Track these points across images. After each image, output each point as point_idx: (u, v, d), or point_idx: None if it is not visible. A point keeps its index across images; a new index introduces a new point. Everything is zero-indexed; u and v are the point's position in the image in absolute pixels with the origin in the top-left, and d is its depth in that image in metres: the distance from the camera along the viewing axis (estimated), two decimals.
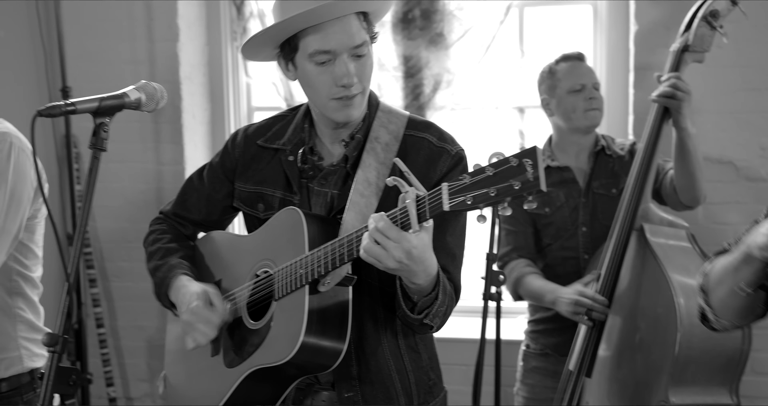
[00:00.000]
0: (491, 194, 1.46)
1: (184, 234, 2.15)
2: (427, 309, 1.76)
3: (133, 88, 1.78)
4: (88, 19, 3.96)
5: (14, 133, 2.23)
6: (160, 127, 3.99)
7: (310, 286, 1.77)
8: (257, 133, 2.05)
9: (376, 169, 1.86)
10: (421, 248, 1.61)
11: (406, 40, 3.76)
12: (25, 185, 2.20)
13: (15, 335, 2.29)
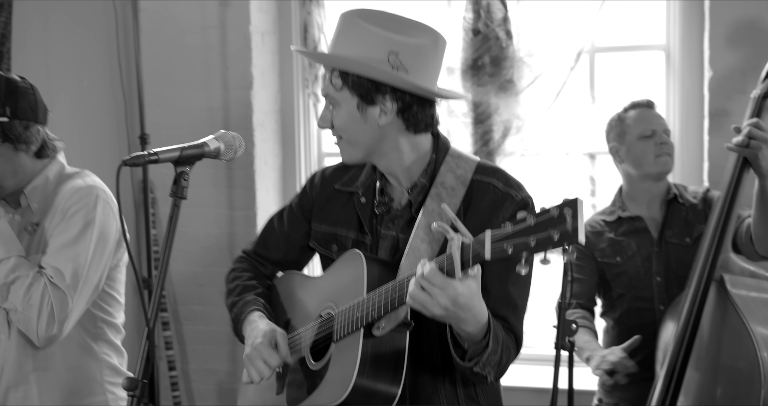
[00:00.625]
0: (531, 244, 1.46)
1: (263, 273, 2.20)
2: (477, 357, 1.74)
3: (213, 138, 1.83)
4: (166, 68, 4.09)
5: (100, 186, 2.31)
6: (233, 173, 4.07)
7: (365, 329, 1.78)
8: (334, 175, 2.10)
9: (440, 215, 1.86)
10: (468, 296, 1.61)
11: (476, 86, 3.77)
12: (108, 238, 2.27)
13: (101, 379, 2.35)
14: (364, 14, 1.85)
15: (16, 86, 2.21)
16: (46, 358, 2.28)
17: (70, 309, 2.16)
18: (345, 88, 1.85)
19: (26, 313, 2.13)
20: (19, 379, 2.28)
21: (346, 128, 1.89)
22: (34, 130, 2.24)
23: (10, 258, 2.16)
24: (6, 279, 2.14)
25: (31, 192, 2.28)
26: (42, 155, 2.29)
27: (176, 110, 4.12)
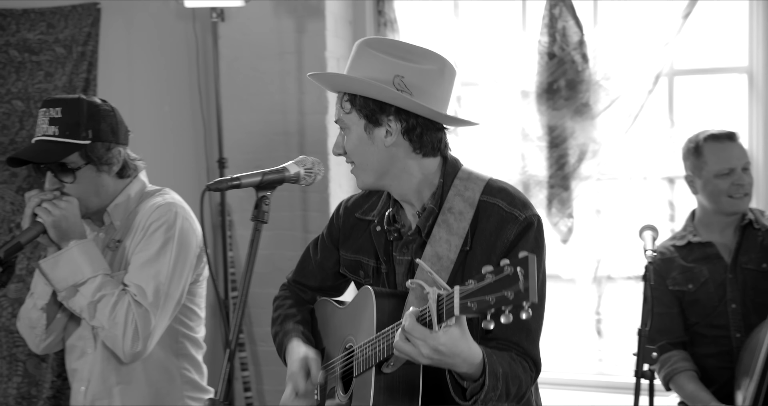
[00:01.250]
0: (491, 302, 1.50)
1: (305, 299, 2.25)
2: (476, 395, 1.75)
3: (293, 163, 1.86)
4: (244, 93, 4.17)
5: (179, 203, 2.38)
6: (308, 197, 4.12)
7: (377, 367, 1.82)
8: (356, 204, 2.14)
9: (447, 242, 1.88)
10: (450, 344, 1.63)
11: (551, 110, 3.75)
12: (188, 253, 2.33)
13: (181, 394, 2.41)
14: (374, 42, 1.90)
15: (97, 109, 2.28)
16: (129, 372, 2.34)
17: (153, 326, 2.22)
18: (353, 110, 1.89)
19: (112, 331, 2.19)
20: (104, 392, 2.34)
21: (356, 152, 1.92)
22: (116, 152, 2.31)
23: (96, 277, 2.22)
24: (93, 298, 2.20)
25: (113, 210, 2.35)
26: (123, 175, 2.35)
27: (253, 135, 4.19)
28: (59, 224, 2.21)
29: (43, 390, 3.43)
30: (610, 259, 3.71)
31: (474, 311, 1.51)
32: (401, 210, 2.01)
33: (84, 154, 2.25)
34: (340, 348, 2.02)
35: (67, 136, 2.23)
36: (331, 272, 2.18)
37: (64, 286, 2.22)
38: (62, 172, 2.25)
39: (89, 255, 2.24)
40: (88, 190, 2.29)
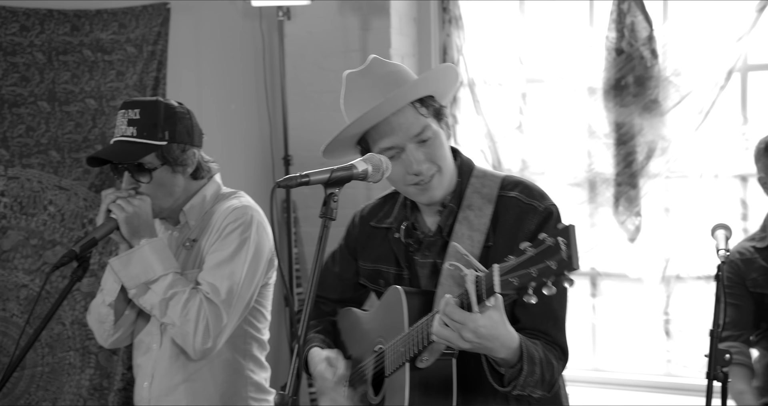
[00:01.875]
0: (533, 274, 1.51)
1: (326, 311, 2.25)
2: (514, 381, 1.76)
3: (361, 160, 1.86)
4: (309, 91, 4.21)
5: (254, 206, 2.41)
6: (372, 194, 4.13)
7: (410, 363, 1.83)
8: (371, 213, 2.16)
9: (470, 238, 1.90)
10: (490, 326, 1.65)
11: (619, 107, 3.69)
12: (261, 257, 2.36)
13: (245, 395, 2.43)
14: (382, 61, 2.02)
15: (174, 112, 2.32)
16: (195, 370, 2.37)
17: (224, 324, 2.25)
18: (429, 112, 1.93)
19: (183, 327, 2.23)
20: (169, 389, 2.38)
21: (444, 155, 1.94)
22: (190, 153, 2.35)
23: (168, 274, 2.26)
24: (165, 295, 2.24)
25: (189, 210, 2.39)
26: (197, 176, 2.39)
27: (318, 132, 4.21)
28: (131, 221, 2.25)
29: (114, 382, 3.51)
30: (679, 258, 3.64)
31: (515, 287, 1.54)
32: (419, 215, 2.03)
33: (160, 155, 2.29)
34: (370, 352, 2.02)
35: (144, 137, 2.27)
36: (351, 283, 2.20)
37: (135, 283, 2.26)
38: (139, 172, 2.30)
39: (160, 253, 2.28)
40: (163, 190, 2.33)
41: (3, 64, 3.24)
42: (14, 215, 3.32)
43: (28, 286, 3.36)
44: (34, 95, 3.33)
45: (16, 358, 2.04)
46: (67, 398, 3.44)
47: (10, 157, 3.29)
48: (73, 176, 3.45)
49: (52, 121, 3.37)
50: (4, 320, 3.30)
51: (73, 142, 3.43)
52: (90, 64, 3.45)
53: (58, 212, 3.42)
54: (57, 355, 3.42)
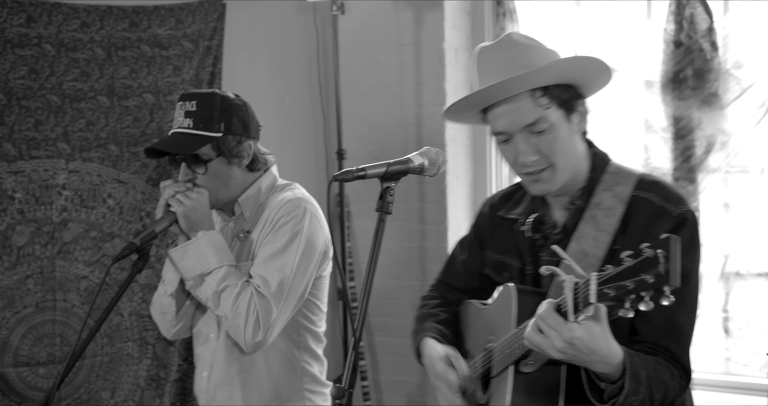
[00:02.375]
0: (629, 287, 1.40)
1: (451, 300, 2.19)
2: (614, 398, 1.64)
3: (417, 154, 1.86)
4: (362, 85, 4.21)
5: (308, 199, 2.41)
6: (425, 188, 4.12)
7: (515, 366, 1.74)
8: (500, 202, 2.07)
9: (594, 239, 1.78)
10: (588, 339, 1.54)
11: (677, 100, 3.62)
12: (314, 249, 2.36)
13: (300, 387, 2.44)
14: (520, 36, 1.85)
15: (230, 103, 2.34)
16: (251, 362, 2.39)
17: (274, 318, 2.25)
18: (553, 103, 1.79)
19: (234, 320, 2.25)
20: (225, 379, 2.40)
21: (561, 149, 1.81)
22: (246, 145, 2.36)
23: (221, 267, 2.28)
24: (217, 288, 2.26)
25: (244, 201, 2.40)
26: (253, 168, 2.40)
27: (371, 126, 4.22)
28: (189, 215, 2.28)
29: (170, 373, 3.57)
30: (738, 255, 3.56)
31: (611, 298, 1.43)
32: (548, 208, 1.92)
33: (215, 147, 2.31)
34: (481, 349, 1.96)
35: (200, 128, 2.29)
36: (476, 273, 2.11)
37: (191, 275, 2.29)
38: (195, 164, 2.32)
39: (216, 246, 2.30)
40: (218, 181, 2.35)
41: (65, 59, 3.31)
42: (75, 208, 3.39)
43: (87, 277, 3.43)
44: (94, 90, 3.39)
45: (78, 349, 2.08)
46: (125, 388, 3.51)
47: (71, 151, 3.36)
48: (131, 170, 3.51)
49: (111, 116, 3.44)
50: (65, 310, 3.38)
51: (131, 137, 3.49)
52: (148, 59, 3.51)
53: (117, 205, 3.49)
54: (115, 345, 3.49)
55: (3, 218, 3.22)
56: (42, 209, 3.32)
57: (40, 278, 3.32)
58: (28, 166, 3.28)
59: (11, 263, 3.24)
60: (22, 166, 3.27)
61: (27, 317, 3.29)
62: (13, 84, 3.21)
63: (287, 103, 4.26)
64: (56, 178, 3.35)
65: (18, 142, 3.24)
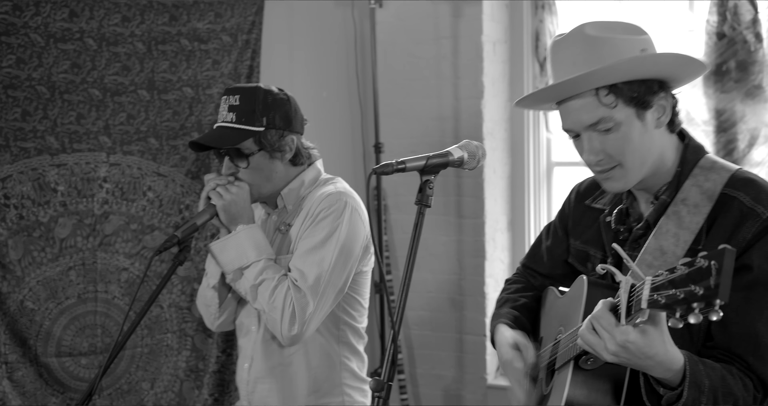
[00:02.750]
0: (678, 297, 1.33)
1: (534, 285, 2.14)
2: (671, 405, 1.57)
3: (456, 147, 1.85)
4: (400, 78, 4.21)
5: (350, 193, 2.40)
6: (462, 182, 4.11)
7: (575, 361, 1.69)
8: (588, 190, 2.00)
9: (675, 236, 1.69)
10: (643, 344, 1.47)
11: (719, 93, 3.56)
12: (355, 243, 2.34)
13: (339, 382, 2.43)
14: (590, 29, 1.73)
15: (273, 98, 2.34)
16: (290, 355, 2.39)
17: (311, 311, 2.24)
18: (620, 102, 1.70)
19: (271, 314, 2.26)
20: (265, 371, 2.41)
21: (631, 148, 1.72)
22: (289, 139, 2.36)
23: (260, 261, 2.29)
24: (255, 281, 2.27)
25: (287, 195, 2.41)
26: (297, 163, 2.40)
27: (409, 120, 4.22)
28: (229, 208, 2.29)
29: (209, 364, 3.60)
30: None
31: (661, 306, 1.36)
32: (635, 201, 1.84)
33: (257, 141, 2.31)
34: (552, 338, 1.92)
35: (242, 122, 2.30)
36: (560, 260, 2.06)
37: (231, 268, 2.31)
38: (237, 158, 2.33)
39: (255, 240, 2.31)
40: (260, 175, 2.35)
41: (106, 54, 3.35)
42: (116, 201, 3.43)
43: (128, 269, 3.47)
44: (135, 84, 3.43)
45: (120, 340, 2.11)
46: (165, 379, 3.55)
47: (112, 145, 3.40)
48: (171, 163, 3.54)
49: (151, 110, 3.47)
50: (106, 301, 3.42)
51: (171, 130, 3.53)
52: (187, 53, 3.53)
53: (157, 197, 3.52)
54: (155, 337, 3.53)
55: (46, 210, 3.27)
56: (84, 201, 3.36)
57: (82, 269, 3.36)
58: (71, 160, 3.33)
59: (54, 254, 3.29)
60: (65, 159, 3.31)
61: (69, 308, 3.35)
62: (56, 78, 3.26)
63: (325, 96, 4.27)
64: (98, 171, 3.39)
65: (60, 135, 3.29)
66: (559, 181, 4.24)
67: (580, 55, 1.71)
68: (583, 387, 1.68)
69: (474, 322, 4.13)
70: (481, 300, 4.11)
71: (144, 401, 3.49)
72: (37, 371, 3.24)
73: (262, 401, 2.43)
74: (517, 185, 4.22)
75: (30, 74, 3.20)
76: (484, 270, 4.09)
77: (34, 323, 3.23)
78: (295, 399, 2.41)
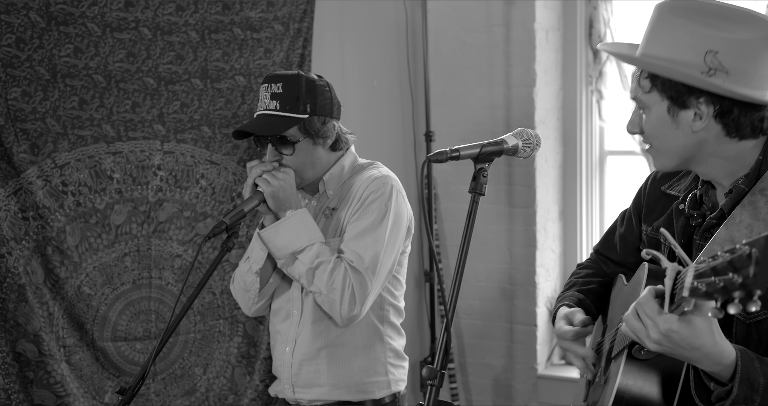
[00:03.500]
0: (718, 285, 1.27)
1: (605, 271, 2.11)
2: (720, 402, 1.51)
3: (511, 135, 1.84)
4: (451, 66, 4.19)
5: (393, 176, 2.45)
6: (513, 170, 4.08)
7: (629, 350, 1.66)
8: (664, 177, 1.94)
9: (749, 227, 1.61)
10: (688, 334, 1.43)
11: None
12: (401, 225, 2.41)
13: (384, 360, 2.48)
14: (678, 8, 1.66)
15: (314, 85, 2.38)
16: (337, 336, 2.43)
17: (368, 291, 2.30)
18: (654, 90, 1.68)
19: (330, 296, 2.29)
20: (311, 354, 2.45)
21: (656, 134, 1.72)
22: (330, 126, 2.40)
23: (313, 245, 2.33)
24: (311, 264, 2.31)
25: (329, 180, 2.45)
26: (336, 148, 2.45)
27: (460, 108, 4.20)
28: (277, 194, 2.32)
29: (260, 351, 3.64)
30: None
31: (702, 294, 1.31)
32: (711, 189, 1.78)
33: (302, 128, 2.35)
34: (615, 325, 1.88)
35: (287, 110, 2.33)
36: (633, 248, 2.01)
37: (283, 254, 2.34)
38: (282, 145, 2.37)
39: (305, 224, 2.35)
40: (304, 162, 2.39)
41: (160, 43, 3.39)
42: (169, 188, 3.48)
43: (181, 256, 3.52)
44: (188, 73, 3.47)
45: (172, 324, 2.15)
46: (217, 365, 3.60)
47: (166, 133, 3.45)
48: (223, 151, 3.58)
49: (204, 98, 3.51)
50: (160, 287, 3.48)
51: (224, 118, 3.56)
52: (240, 42, 3.56)
53: (209, 185, 3.56)
54: (208, 323, 3.58)
55: (102, 197, 3.33)
56: (138, 188, 3.42)
57: (137, 256, 3.42)
58: (126, 147, 3.38)
59: (110, 241, 3.35)
60: (120, 147, 3.37)
61: (124, 293, 3.41)
62: (112, 67, 3.31)
63: (376, 84, 4.27)
64: (152, 159, 3.44)
65: (116, 123, 3.34)
66: (611, 170, 4.18)
67: (651, 31, 1.71)
68: (636, 378, 1.64)
69: (525, 312, 4.11)
70: (532, 290, 4.08)
71: (197, 386, 3.54)
72: (93, 355, 3.31)
73: (308, 382, 2.46)
74: (569, 174, 4.18)
75: (87, 63, 3.26)
76: (535, 260, 4.07)
77: (91, 307, 3.30)
78: (342, 379, 2.44)
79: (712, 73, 1.61)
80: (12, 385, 3.10)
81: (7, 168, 3.09)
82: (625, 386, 1.64)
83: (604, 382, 1.81)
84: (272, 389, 2.60)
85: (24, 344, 3.12)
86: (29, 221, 3.14)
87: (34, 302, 3.13)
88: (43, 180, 3.17)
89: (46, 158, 3.18)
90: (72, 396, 3.19)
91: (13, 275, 3.09)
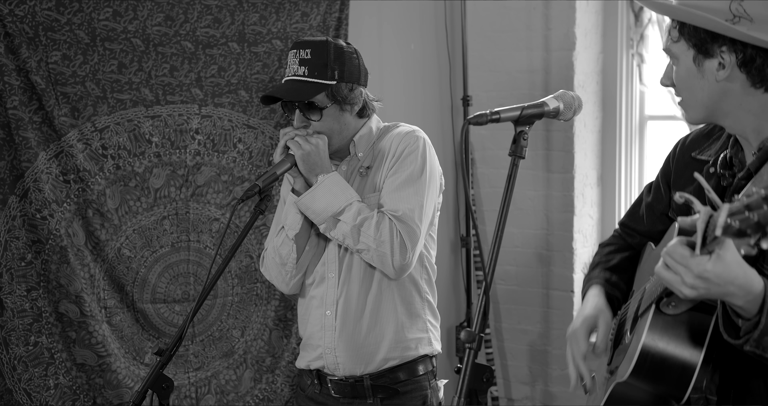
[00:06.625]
0: (753, 220, 1.28)
1: (630, 244, 2.10)
2: (748, 334, 1.52)
3: (552, 97, 1.82)
4: (489, 30, 4.14)
5: (422, 131, 2.49)
6: (551, 135, 4.04)
7: (656, 305, 1.65)
8: (694, 142, 1.93)
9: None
10: (720, 270, 1.44)
11: None
12: (436, 178, 2.46)
13: (424, 317, 2.52)
14: None
15: (342, 51, 2.39)
16: (381, 293, 2.45)
17: (418, 237, 2.34)
18: (681, 39, 1.70)
19: (380, 249, 2.32)
20: (356, 314, 2.46)
21: (684, 85, 1.73)
22: (357, 92, 2.42)
23: (352, 203, 2.35)
24: (355, 222, 2.33)
25: (359, 141, 2.48)
26: (363, 115, 2.48)
27: (498, 73, 4.16)
28: (308, 158, 2.34)
29: (296, 314, 3.67)
30: None
31: (735, 232, 1.32)
32: (741, 151, 1.77)
33: (330, 94, 2.37)
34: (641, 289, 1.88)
35: (315, 76, 2.35)
36: (661, 215, 1.99)
37: (324, 217, 2.36)
38: (309, 111, 2.39)
39: (340, 185, 2.37)
40: (332, 128, 2.42)
41: (198, 6, 3.39)
42: (207, 152, 3.50)
43: (219, 219, 3.55)
44: (226, 36, 3.46)
45: (207, 285, 2.19)
46: (255, 327, 3.64)
47: (204, 97, 3.46)
48: (261, 115, 3.59)
49: (241, 62, 3.51)
50: (198, 251, 3.52)
51: (261, 82, 3.56)
52: (277, 5, 3.55)
53: (247, 149, 3.58)
54: (245, 286, 3.61)
55: (141, 160, 3.36)
56: (177, 152, 3.44)
57: (175, 219, 3.46)
58: (164, 111, 3.40)
59: (149, 204, 3.39)
60: (159, 110, 3.39)
61: (163, 256, 3.45)
62: (150, 31, 3.31)
63: (413, 48, 4.24)
64: (190, 123, 3.46)
65: (155, 87, 3.36)
66: (651, 135, 4.13)
67: None
68: (662, 334, 1.63)
69: (561, 278, 4.09)
70: (569, 256, 4.06)
71: (235, 348, 3.59)
72: (133, 316, 3.37)
73: (352, 342, 2.46)
74: (608, 139, 4.13)
75: (126, 27, 3.27)
76: (573, 225, 4.04)
77: (131, 270, 3.35)
78: (387, 335, 2.46)
79: (737, 20, 1.61)
80: (55, 344, 3.17)
81: (49, 131, 3.13)
82: (650, 343, 1.63)
83: (629, 342, 1.80)
84: (301, 361, 2.58)
85: (66, 304, 3.18)
86: (70, 183, 3.19)
87: (76, 264, 3.19)
88: (83, 143, 3.20)
89: (86, 122, 3.21)
90: (113, 356, 3.25)
91: (55, 236, 3.15)
